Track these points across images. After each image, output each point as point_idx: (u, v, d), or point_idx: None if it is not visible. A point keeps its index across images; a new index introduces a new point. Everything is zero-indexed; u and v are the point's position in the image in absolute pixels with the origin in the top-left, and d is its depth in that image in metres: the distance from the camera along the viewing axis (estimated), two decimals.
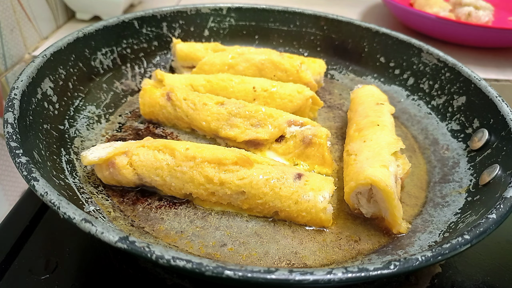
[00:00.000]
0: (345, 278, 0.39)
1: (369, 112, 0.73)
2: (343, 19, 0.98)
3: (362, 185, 0.57)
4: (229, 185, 0.57)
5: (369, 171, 0.57)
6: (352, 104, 0.80)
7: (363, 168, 0.59)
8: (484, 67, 1.09)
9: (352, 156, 0.65)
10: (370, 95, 0.79)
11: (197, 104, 0.73)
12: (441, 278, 0.58)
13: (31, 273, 0.55)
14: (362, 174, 0.57)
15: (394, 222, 0.57)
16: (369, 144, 0.65)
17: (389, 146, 0.63)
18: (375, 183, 0.55)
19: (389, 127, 0.69)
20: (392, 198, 0.55)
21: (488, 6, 1.22)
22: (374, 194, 0.57)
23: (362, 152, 0.64)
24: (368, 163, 0.60)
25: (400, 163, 0.63)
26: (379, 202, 0.58)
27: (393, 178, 0.57)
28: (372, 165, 0.58)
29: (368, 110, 0.74)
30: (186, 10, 0.96)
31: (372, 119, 0.71)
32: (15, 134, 0.52)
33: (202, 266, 0.39)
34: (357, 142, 0.67)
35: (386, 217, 0.58)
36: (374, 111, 0.73)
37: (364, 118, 0.72)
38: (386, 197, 0.55)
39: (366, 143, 0.65)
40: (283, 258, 0.55)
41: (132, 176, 0.60)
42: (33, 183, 0.46)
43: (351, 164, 0.63)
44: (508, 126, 0.64)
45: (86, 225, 0.42)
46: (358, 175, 0.58)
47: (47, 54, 0.69)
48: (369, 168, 0.58)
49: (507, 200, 0.51)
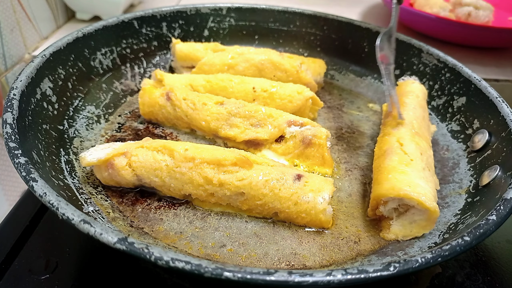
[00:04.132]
0: (344, 280, 0.39)
1: (425, 124, 0.73)
2: (343, 19, 0.98)
3: (422, 206, 0.55)
4: (229, 186, 0.57)
5: (433, 198, 0.56)
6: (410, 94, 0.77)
7: (423, 187, 0.57)
8: (484, 67, 1.09)
9: (407, 157, 0.62)
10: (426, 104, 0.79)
11: (197, 104, 0.73)
12: (441, 278, 0.58)
13: (31, 273, 0.55)
14: (428, 197, 0.55)
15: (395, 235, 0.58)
16: (425, 161, 0.63)
17: (435, 182, 0.63)
18: (434, 214, 0.55)
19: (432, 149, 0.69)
20: (426, 231, 0.57)
21: (488, 6, 1.22)
22: (409, 210, 0.57)
23: (419, 163, 0.61)
24: (428, 185, 0.58)
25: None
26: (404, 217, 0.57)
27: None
28: (431, 191, 0.57)
29: (425, 120, 0.73)
30: (186, 10, 0.96)
31: (426, 135, 0.70)
32: (14, 135, 0.52)
33: (201, 267, 0.38)
34: (414, 145, 0.64)
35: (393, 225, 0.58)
36: (428, 126, 0.73)
37: (422, 126, 0.70)
38: (424, 227, 0.56)
39: (423, 158, 0.63)
40: (282, 259, 0.55)
41: (131, 177, 0.60)
42: (32, 183, 0.46)
43: (406, 165, 0.60)
44: (508, 127, 0.64)
45: (85, 226, 0.42)
46: (419, 190, 0.56)
47: (47, 54, 0.69)
48: (431, 194, 0.57)
49: (507, 201, 0.51)
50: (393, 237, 0.58)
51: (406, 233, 0.57)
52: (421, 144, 0.66)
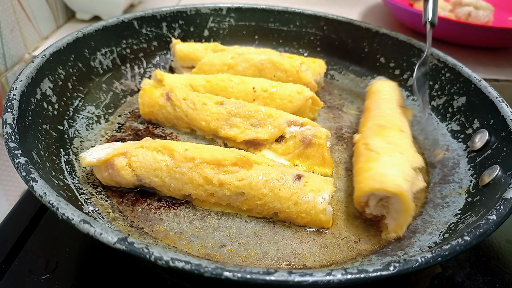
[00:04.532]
0: (344, 280, 0.39)
1: (394, 112, 0.72)
2: (343, 19, 0.98)
3: (386, 191, 0.55)
4: (229, 186, 0.57)
5: (398, 181, 0.56)
6: (374, 94, 0.79)
7: (388, 174, 0.57)
8: (484, 67, 1.09)
9: (373, 153, 0.63)
10: (395, 94, 0.79)
11: (197, 104, 0.73)
12: (441, 278, 0.58)
13: (31, 273, 0.55)
14: (392, 181, 0.55)
15: (395, 232, 0.58)
16: (393, 148, 0.63)
17: (413, 160, 0.62)
18: (403, 196, 0.54)
19: (411, 137, 0.69)
20: (410, 214, 0.56)
21: (488, 6, 1.21)
22: (388, 201, 0.57)
23: (385, 153, 0.62)
24: (393, 170, 0.58)
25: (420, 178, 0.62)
26: (390, 210, 0.57)
27: (411, 194, 0.57)
28: (398, 175, 0.57)
29: (393, 109, 0.73)
30: (186, 10, 0.96)
31: (396, 122, 0.69)
32: (14, 135, 0.52)
33: (201, 267, 0.38)
34: (379, 139, 0.65)
35: (388, 223, 0.58)
36: (398, 113, 0.73)
37: (388, 116, 0.71)
38: (405, 211, 0.56)
39: (390, 146, 0.63)
40: (282, 259, 0.55)
41: (131, 177, 0.60)
42: (32, 183, 0.46)
43: (371, 161, 0.61)
44: (508, 127, 0.64)
45: (84, 226, 0.42)
46: (383, 178, 0.56)
47: (46, 54, 0.69)
48: (397, 177, 0.56)
49: (507, 201, 0.51)
50: (394, 235, 0.58)
51: (401, 224, 0.57)
52: (390, 134, 0.66)
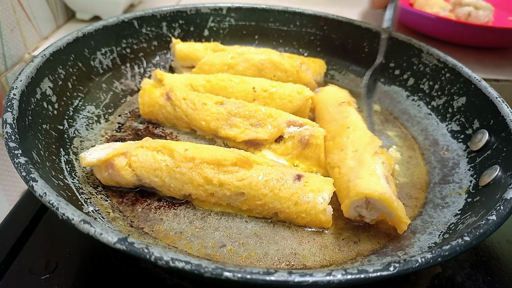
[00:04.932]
0: (344, 280, 0.39)
1: (335, 115, 0.72)
2: (343, 19, 0.98)
3: (356, 201, 0.56)
4: (229, 186, 0.57)
5: (360, 186, 0.56)
6: (317, 112, 0.78)
7: (352, 181, 0.58)
8: (484, 67, 1.09)
9: (336, 169, 0.64)
10: (331, 97, 0.78)
11: (197, 103, 0.73)
12: (441, 278, 0.58)
13: (31, 273, 0.55)
14: (354, 189, 0.56)
15: (400, 222, 0.57)
16: (347, 153, 0.63)
17: (368, 148, 0.61)
18: (370, 195, 0.54)
19: (360, 124, 0.67)
20: (391, 202, 0.54)
21: (488, 6, 1.22)
22: (371, 203, 0.57)
23: (344, 163, 0.62)
24: (354, 174, 0.58)
25: (384, 159, 0.61)
26: (380, 208, 0.57)
27: (384, 180, 0.57)
28: (360, 175, 0.57)
29: (333, 113, 0.72)
30: (186, 10, 0.96)
31: (340, 122, 0.69)
32: (14, 135, 0.52)
33: (201, 267, 0.38)
34: (335, 152, 0.65)
35: (390, 219, 0.58)
36: (339, 112, 0.72)
37: (332, 124, 0.70)
38: (385, 203, 0.55)
39: (344, 151, 0.63)
40: (282, 259, 0.55)
41: (131, 177, 0.60)
42: (32, 183, 0.46)
43: (337, 179, 0.62)
44: (508, 127, 0.64)
45: (85, 226, 0.42)
46: (349, 191, 0.57)
47: (46, 54, 0.69)
48: (357, 180, 0.57)
49: (507, 201, 0.51)
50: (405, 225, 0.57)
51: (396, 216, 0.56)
52: (340, 140, 0.66)
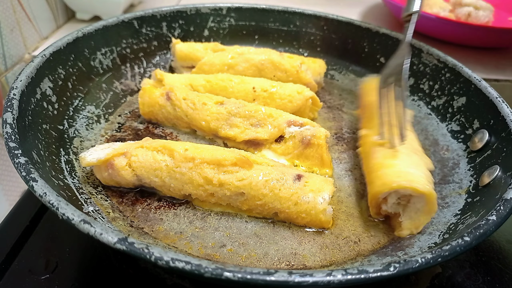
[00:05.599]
0: (344, 280, 0.39)
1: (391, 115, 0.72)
2: (343, 19, 0.98)
3: (415, 190, 0.55)
4: (229, 186, 0.57)
5: (424, 181, 0.56)
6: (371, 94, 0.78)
7: (412, 173, 0.57)
8: (484, 67, 1.09)
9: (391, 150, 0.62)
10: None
11: (197, 103, 0.73)
12: (441, 278, 0.58)
13: (31, 273, 0.55)
14: (418, 181, 0.56)
15: (409, 230, 0.58)
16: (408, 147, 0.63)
17: (426, 162, 0.62)
18: (432, 198, 0.55)
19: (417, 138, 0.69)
20: (432, 215, 0.57)
21: (488, 6, 1.21)
22: (409, 200, 0.57)
23: (403, 152, 0.62)
24: (416, 169, 0.58)
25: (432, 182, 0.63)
26: (408, 209, 0.57)
27: None
28: (422, 175, 0.57)
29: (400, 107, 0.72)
30: (186, 10, 0.96)
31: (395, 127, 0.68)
32: (14, 135, 0.52)
33: (201, 267, 0.38)
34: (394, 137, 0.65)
35: (403, 221, 0.58)
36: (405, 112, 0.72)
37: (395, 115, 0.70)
38: (428, 212, 0.56)
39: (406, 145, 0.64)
40: (282, 259, 0.55)
41: (131, 177, 0.60)
42: (32, 183, 0.46)
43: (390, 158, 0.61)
44: (508, 127, 0.64)
45: (85, 226, 0.42)
46: (409, 177, 0.56)
47: (46, 54, 0.69)
48: (422, 177, 0.57)
49: (507, 201, 0.51)
50: (408, 233, 0.58)
51: (417, 224, 0.57)
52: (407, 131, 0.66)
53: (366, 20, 1.29)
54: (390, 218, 0.61)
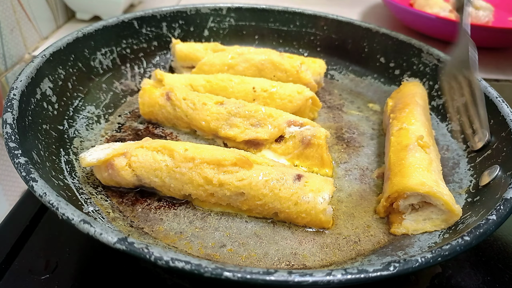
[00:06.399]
0: (344, 280, 0.39)
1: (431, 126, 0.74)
2: (343, 19, 0.98)
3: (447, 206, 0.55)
4: (228, 186, 0.57)
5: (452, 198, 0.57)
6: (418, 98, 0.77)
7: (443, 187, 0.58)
8: (484, 67, 1.09)
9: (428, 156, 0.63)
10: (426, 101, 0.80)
11: (197, 103, 0.73)
12: (441, 278, 0.58)
13: (31, 273, 0.55)
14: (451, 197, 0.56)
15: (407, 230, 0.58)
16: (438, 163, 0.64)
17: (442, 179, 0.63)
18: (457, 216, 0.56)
19: None
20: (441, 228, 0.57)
21: (488, 6, 1.22)
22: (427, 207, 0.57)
23: (436, 165, 0.62)
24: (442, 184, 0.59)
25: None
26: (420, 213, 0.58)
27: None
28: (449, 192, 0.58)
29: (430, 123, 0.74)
30: (186, 10, 0.96)
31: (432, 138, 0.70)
32: (14, 135, 0.52)
33: (201, 267, 0.38)
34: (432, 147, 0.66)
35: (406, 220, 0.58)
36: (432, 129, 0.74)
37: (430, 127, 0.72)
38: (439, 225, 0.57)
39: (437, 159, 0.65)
40: (282, 259, 0.55)
41: (131, 177, 0.60)
42: (32, 183, 0.46)
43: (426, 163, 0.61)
44: (508, 127, 0.64)
45: (85, 226, 0.42)
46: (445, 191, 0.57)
47: (46, 54, 0.69)
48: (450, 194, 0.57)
49: (507, 201, 0.51)
50: (403, 231, 0.58)
51: (417, 228, 0.58)
52: (435, 147, 0.67)
53: (366, 20, 1.30)
54: (391, 213, 0.61)
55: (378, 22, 1.27)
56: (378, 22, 1.27)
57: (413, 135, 0.66)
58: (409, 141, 0.65)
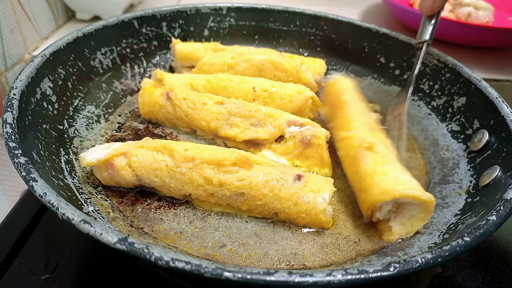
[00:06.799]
0: (344, 280, 0.39)
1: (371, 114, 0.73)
2: (343, 19, 0.98)
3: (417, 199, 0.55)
4: (229, 186, 0.57)
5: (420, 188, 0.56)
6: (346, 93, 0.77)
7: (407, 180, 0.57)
8: (484, 67, 1.09)
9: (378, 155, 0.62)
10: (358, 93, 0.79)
11: (197, 103, 0.73)
12: (441, 278, 0.58)
13: (31, 273, 0.55)
14: (420, 188, 0.56)
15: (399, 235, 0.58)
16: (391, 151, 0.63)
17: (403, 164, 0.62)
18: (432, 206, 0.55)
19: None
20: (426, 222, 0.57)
21: (488, 6, 1.22)
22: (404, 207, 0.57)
23: (390, 157, 0.61)
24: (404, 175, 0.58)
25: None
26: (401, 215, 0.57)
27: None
28: (414, 182, 0.57)
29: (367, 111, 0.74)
30: (186, 10, 0.96)
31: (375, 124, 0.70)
32: (14, 134, 0.52)
33: (201, 267, 0.38)
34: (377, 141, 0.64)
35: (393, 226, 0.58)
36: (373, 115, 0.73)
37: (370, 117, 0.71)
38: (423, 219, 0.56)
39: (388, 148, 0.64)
40: (282, 259, 0.55)
41: (131, 177, 0.60)
42: (32, 183, 0.46)
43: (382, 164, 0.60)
44: (508, 127, 0.64)
45: (85, 226, 0.42)
46: (409, 185, 0.56)
47: (46, 54, 0.69)
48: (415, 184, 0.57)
49: (507, 201, 0.51)
50: (397, 237, 0.58)
51: (408, 230, 0.57)
52: (380, 136, 0.66)
53: (366, 20, 1.29)
54: (377, 223, 0.60)
55: (378, 22, 1.27)
56: (378, 22, 1.27)
57: (356, 141, 0.65)
58: (355, 150, 0.64)
